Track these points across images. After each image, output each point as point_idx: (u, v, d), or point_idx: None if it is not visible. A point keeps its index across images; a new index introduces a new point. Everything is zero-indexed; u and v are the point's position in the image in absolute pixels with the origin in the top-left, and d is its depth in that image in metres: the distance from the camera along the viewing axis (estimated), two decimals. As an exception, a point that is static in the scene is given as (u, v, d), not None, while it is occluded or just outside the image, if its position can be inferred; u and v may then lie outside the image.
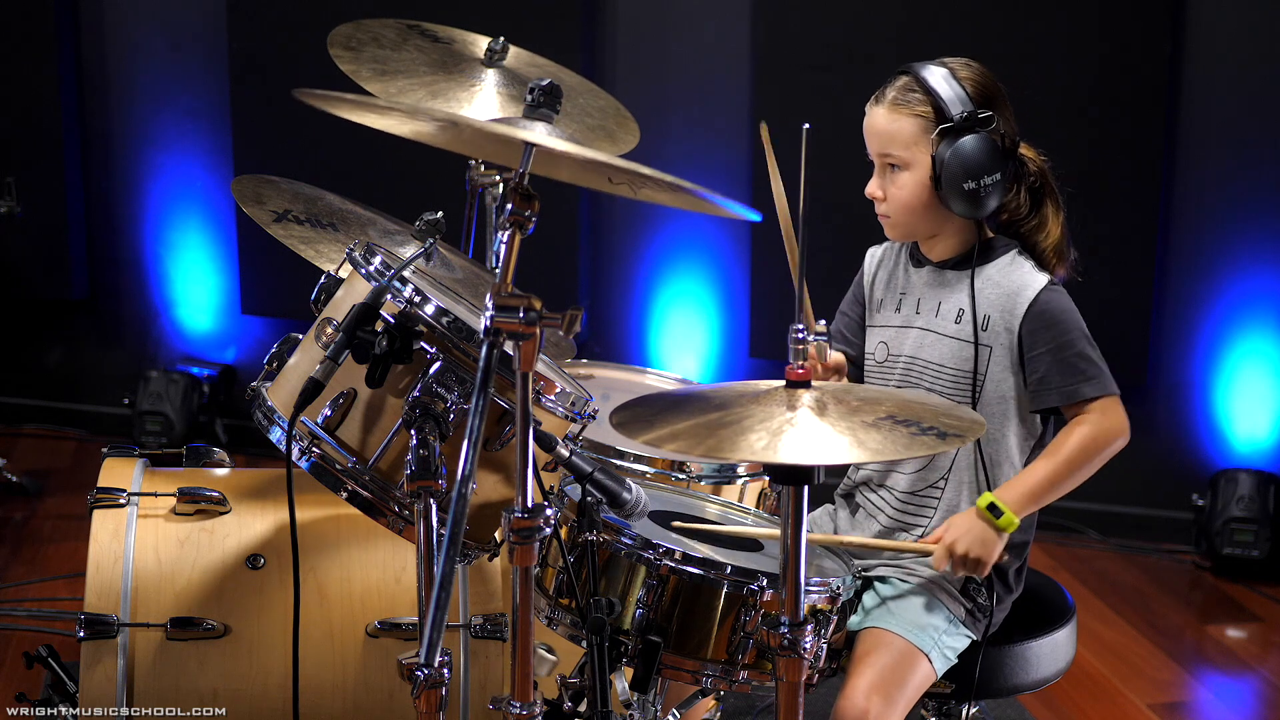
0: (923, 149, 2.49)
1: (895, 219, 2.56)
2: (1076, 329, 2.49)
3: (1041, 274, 2.51)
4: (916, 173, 2.50)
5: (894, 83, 2.53)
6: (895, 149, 2.51)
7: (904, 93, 2.51)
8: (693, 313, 5.00)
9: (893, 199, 2.54)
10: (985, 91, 2.50)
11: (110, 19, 5.23)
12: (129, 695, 2.54)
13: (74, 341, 5.48)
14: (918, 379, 2.57)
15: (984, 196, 2.47)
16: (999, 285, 2.51)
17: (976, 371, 2.51)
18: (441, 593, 1.93)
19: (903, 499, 2.58)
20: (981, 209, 2.49)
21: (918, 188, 2.51)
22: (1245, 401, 4.66)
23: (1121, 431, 2.49)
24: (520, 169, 2.15)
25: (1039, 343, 2.48)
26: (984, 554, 2.43)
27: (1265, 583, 4.49)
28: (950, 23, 4.60)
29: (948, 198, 2.48)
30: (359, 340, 2.26)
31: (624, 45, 4.92)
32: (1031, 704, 3.66)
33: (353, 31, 3.09)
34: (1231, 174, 4.60)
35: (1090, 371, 2.47)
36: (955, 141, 2.46)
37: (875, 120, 2.54)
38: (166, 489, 2.71)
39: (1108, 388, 2.48)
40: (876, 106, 2.54)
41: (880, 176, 2.55)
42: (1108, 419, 2.48)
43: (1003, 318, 2.50)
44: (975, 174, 2.46)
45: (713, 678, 2.29)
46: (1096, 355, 2.48)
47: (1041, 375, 2.48)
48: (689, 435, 2.04)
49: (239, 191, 2.91)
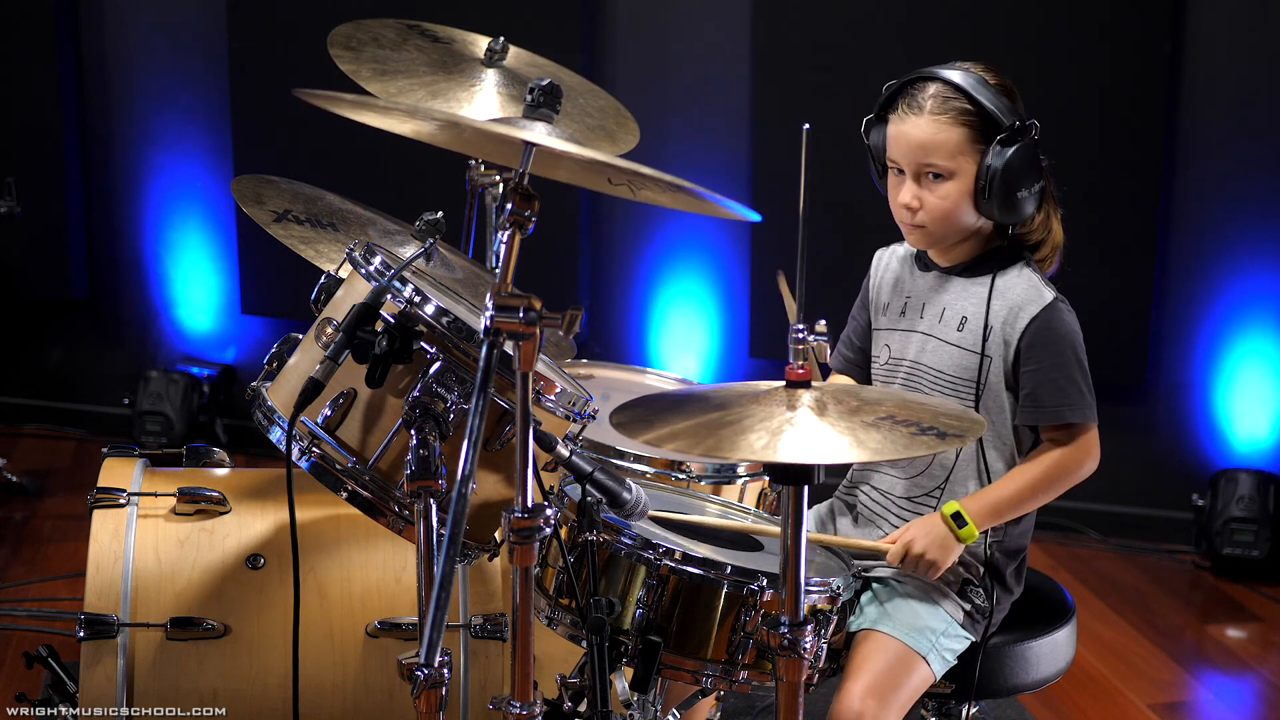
0: (969, 158, 2.46)
1: (931, 228, 2.52)
2: (1073, 352, 2.47)
3: (1049, 290, 2.50)
4: (961, 182, 2.47)
5: (924, 90, 2.48)
6: (939, 158, 2.47)
7: (943, 101, 2.46)
8: (693, 313, 5.00)
9: (932, 208, 2.50)
10: (1013, 96, 2.49)
11: (110, 19, 5.23)
12: (129, 695, 2.54)
13: (74, 341, 5.48)
14: (918, 384, 2.57)
15: (1024, 205, 2.47)
16: (1004, 296, 2.51)
17: (980, 381, 2.51)
18: (441, 593, 1.92)
19: (900, 503, 2.58)
20: (1019, 216, 2.48)
21: (961, 197, 2.48)
22: (1245, 401, 4.66)
23: (1092, 462, 2.49)
24: (520, 169, 2.15)
25: (1033, 359, 2.47)
26: (940, 558, 2.44)
27: (1265, 583, 4.49)
28: (950, 23, 4.60)
29: (991, 206, 2.46)
30: (359, 340, 2.26)
31: (624, 45, 4.92)
32: (1031, 704, 3.66)
33: (353, 31, 3.09)
34: (1231, 174, 4.60)
35: (1076, 398, 2.46)
36: (1004, 150, 2.44)
37: (916, 130, 2.48)
38: (166, 489, 2.71)
39: (1089, 416, 2.47)
40: (915, 116, 2.47)
41: (915, 185, 2.51)
42: (1082, 448, 2.47)
43: (1003, 329, 2.50)
44: (1026, 183, 2.46)
45: (713, 678, 2.29)
46: (1086, 383, 2.47)
47: (1029, 391, 2.48)
48: (689, 435, 2.04)
49: (239, 191, 2.91)
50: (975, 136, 2.46)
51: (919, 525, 2.47)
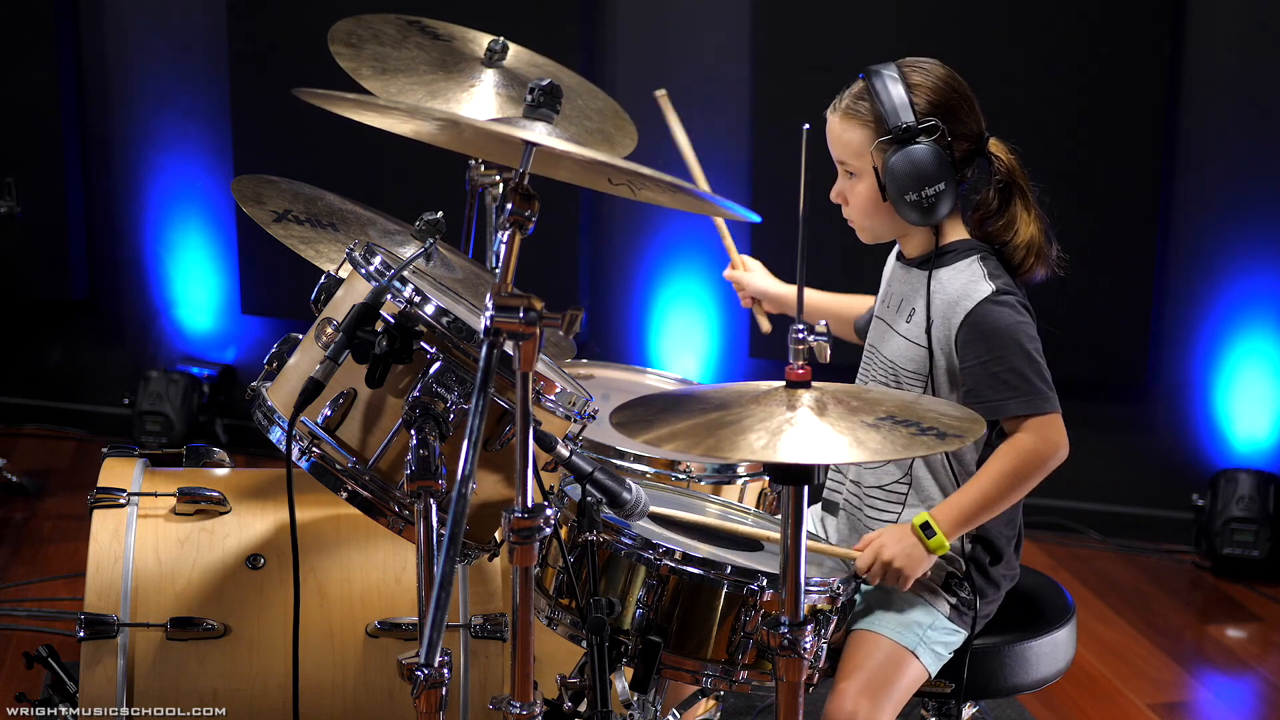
0: (868, 159, 2.51)
1: (858, 223, 2.59)
2: (1013, 344, 2.44)
3: (987, 284, 2.48)
4: (867, 181, 2.52)
5: (850, 89, 2.55)
6: (847, 157, 2.54)
7: (855, 101, 2.52)
8: (693, 313, 5.00)
9: (853, 205, 2.57)
10: (937, 97, 2.48)
11: (110, 19, 5.23)
12: (129, 695, 2.54)
13: (74, 341, 5.48)
14: (876, 371, 2.60)
15: (931, 205, 2.47)
16: (945, 291, 2.51)
17: (931, 376, 2.51)
18: (441, 593, 1.92)
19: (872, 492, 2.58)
20: (931, 217, 2.49)
21: (869, 196, 2.53)
22: (1245, 401, 4.66)
23: (1053, 451, 2.43)
24: (520, 169, 2.15)
25: (970, 355, 2.46)
26: (908, 567, 2.40)
27: (1265, 583, 4.49)
28: (949, 23, 4.60)
29: (896, 207, 2.49)
30: (359, 340, 2.26)
31: (624, 45, 4.92)
32: (1031, 704, 3.66)
33: (353, 27, 3.08)
34: (1231, 174, 4.60)
35: (1022, 388, 2.42)
36: (897, 152, 2.46)
37: (831, 128, 2.57)
38: (166, 489, 2.71)
39: (1038, 406, 2.43)
40: (832, 114, 2.56)
41: (841, 182, 2.58)
42: (1036, 438, 2.42)
43: (943, 324, 2.50)
44: (916, 185, 2.46)
45: (713, 678, 2.29)
46: (1034, 372, 2.43)
47: (970, 388, 2.46)
48: (689, 435, 2.04)
49: (239, 191, 2.91)
50: (873, 138, 2.49)
51: (889, 533, 2.44)
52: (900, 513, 2.55)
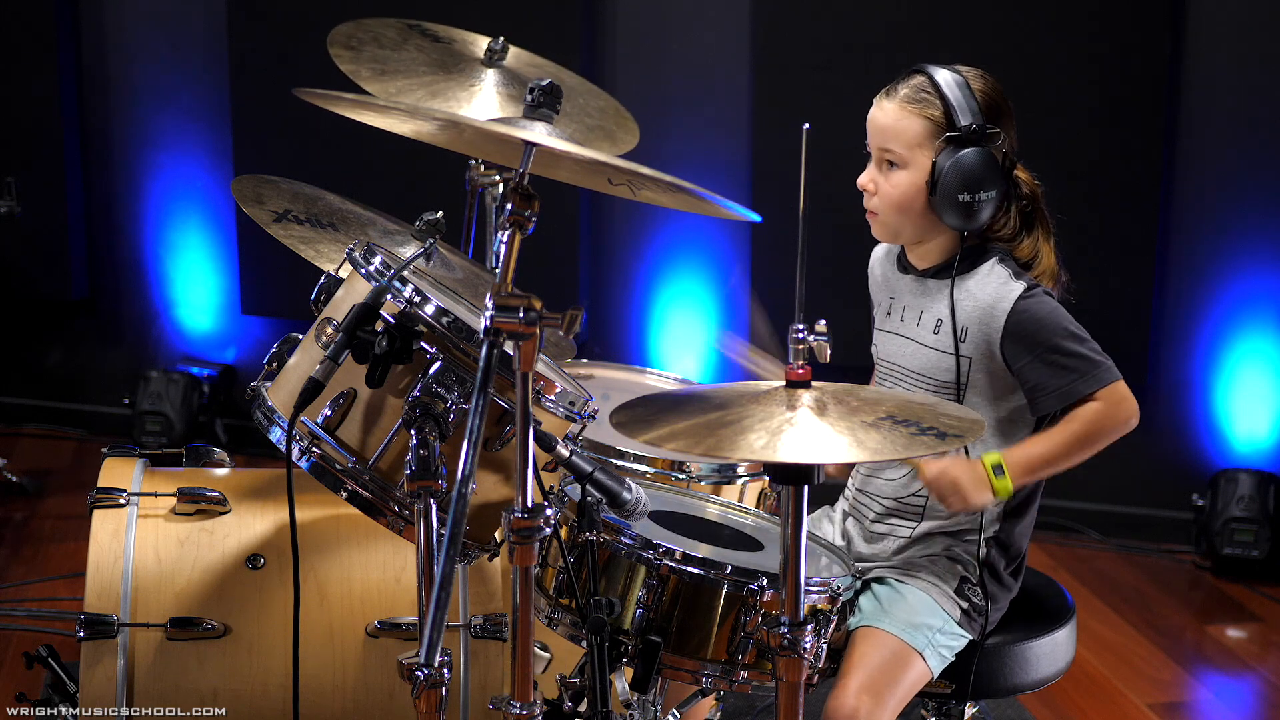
0: (925, 152, 2.49)
1: (883, 217, 2.55)
2: (1059, 329, 2.46)
3: (1017, 282, 2.49)
4: (913, 174, 2.50)
5: (908, 80, 2.52)
6: (897, 146, 2.50)
7: (917, 92, 2.50)
8: (693, 313, 5.00)
9: (884, 195, 2.53)
10: (994, 106, 2.50)
11: (110, 19, 5.23)
12: (129, 695, 2.54)
13: (74, 341, 5.48)
14: (897, 384, 2.58)
15: (976, 210, 2.47)
16: (976, 298, 2.50)
17: (959, 383, 2.51)
18: (441, 593, 1.93)
19: (889, 505, 2.58)
20: (972, 222, 2.48)
21: (911, 189, 2.50)
22: (1245, 401, 4.66)
23: (1130, 415, 2.47)
24: (520, 169, 2.15)
25: (1022, 353, 2.47)
26: (972, 493, 2.40)
27: (1265, 583, 4.49)
28: (949, 22, 4.60)
29: (940, 205, 2.47)
30: (359, 340, 2.26)
31: (624, 45, 4.92)
32: (1031, 704, 3.66)
33: (353, 31, 3.09)
34: (1231, 174, 4.60)
35: (1081, 368, 2.45)
36: (958, 151, 2.46)
37: (882, 114, 2.53)
38: (166, 489, 2.71)
39: (1104, 378, 2.46)
40: (886, 101, 2.53)
41: (876, 169, 2.54)
42: (1112, 403, 2.45)
43: (981, 330, 2.49)
44: (972, 187, 2.45)
45: (713, 678, 2.29)
46: (1088, 349, 2.46)
47: (1034, 384, 2.47)
48: (689, 435, 2.04)
49: (239, 191, 2.91)
50: (936, 132, 2.48)
51: (960, 461, 2.44)
52: (917, 525, 2.55)
